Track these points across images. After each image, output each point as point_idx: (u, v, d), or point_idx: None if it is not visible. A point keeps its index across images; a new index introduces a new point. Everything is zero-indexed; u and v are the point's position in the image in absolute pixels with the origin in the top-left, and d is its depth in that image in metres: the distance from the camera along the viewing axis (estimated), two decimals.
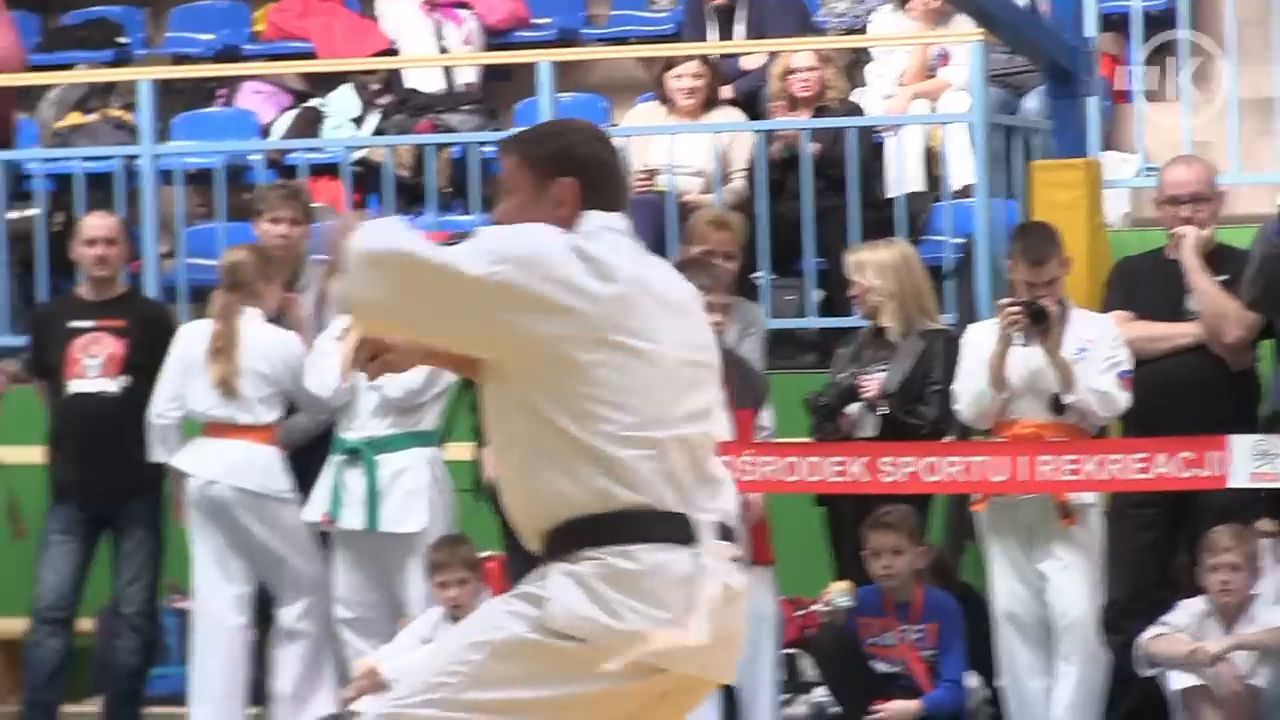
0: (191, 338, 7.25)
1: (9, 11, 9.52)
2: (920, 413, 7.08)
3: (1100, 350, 6.84)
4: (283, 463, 7.15)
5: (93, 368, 7.36)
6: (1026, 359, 6.82)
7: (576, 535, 3.55)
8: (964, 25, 8.58)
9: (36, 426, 7.77)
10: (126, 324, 7.42)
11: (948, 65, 9.25)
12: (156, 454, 7.21)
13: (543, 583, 3.54)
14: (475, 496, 7.01)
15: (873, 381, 7.05)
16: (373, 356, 3.70)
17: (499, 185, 3.93)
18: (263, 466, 7.10)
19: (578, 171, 3.75)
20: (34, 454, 7.84)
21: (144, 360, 7.33)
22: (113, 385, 7.34)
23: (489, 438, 3.79)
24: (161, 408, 7.16)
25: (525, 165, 3.77)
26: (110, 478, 7.38)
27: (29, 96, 10.00)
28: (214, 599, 7.16)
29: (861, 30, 9.44)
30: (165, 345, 7.41)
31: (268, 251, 7.38)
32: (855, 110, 8.94)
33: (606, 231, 3.70)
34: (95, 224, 7.59)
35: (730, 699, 6.94)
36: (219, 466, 7.08)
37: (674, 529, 3.55)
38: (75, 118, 9.90)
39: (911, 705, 6.86)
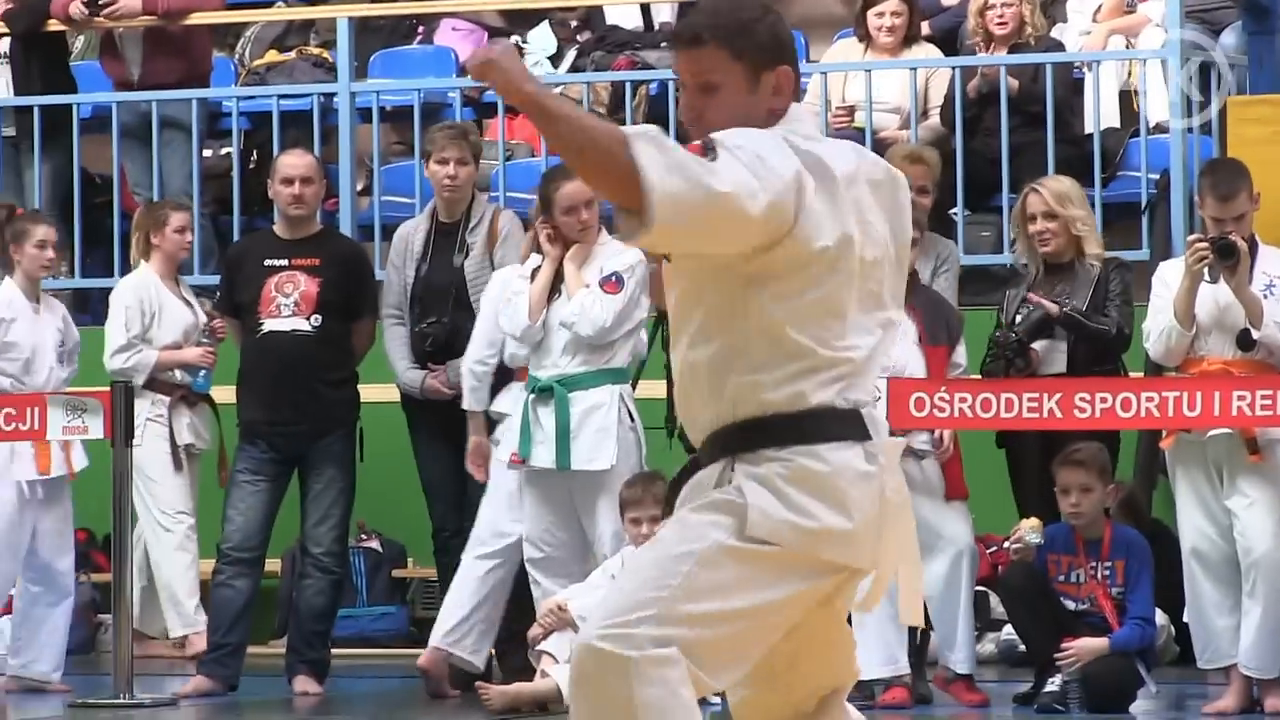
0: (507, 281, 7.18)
1: None
2: (1103, 320, 7.15)
3: None
4: None
5: (286, 306, 7.37)
6: (1215, 295, 6.84)
7: (764, 434, 3.53)
8: None
9: (227, 366, 7.86)
10: (321, 263, 7.43)
11: (1145, 0, 9.33)
12: (468, 403, 7.15)
13: (734, 489, 3.52)
14: (667, 433, 7.14)
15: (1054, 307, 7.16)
16: None
17: (693, 80, 3.62)
18: None
19: (790, 58, 3.58)
20: (226, 394, 7.95)
21: (337, 299, 7.38)
22: (306, 324, 7.35)
23: (677, 336, 3.64)
24: (479, 354, 7.14)
25: (733, 56, 3.56)
26: (301, 417, 7.41)
27: (227, 34, 10.14)
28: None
29: None
30: (360, 284, 7.48)
31: None
32: (1054, 46, 9.06)
33: (814, 129, 3.65)
34: (291, 162, 7.58)
35: (924, 635, 7.08)
36: None
37: (852, 426, 3.54)
38: (273, 55, 10.05)
39: (1099, 643, 6.89)
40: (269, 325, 7.42)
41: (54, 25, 9.51)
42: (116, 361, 7.85)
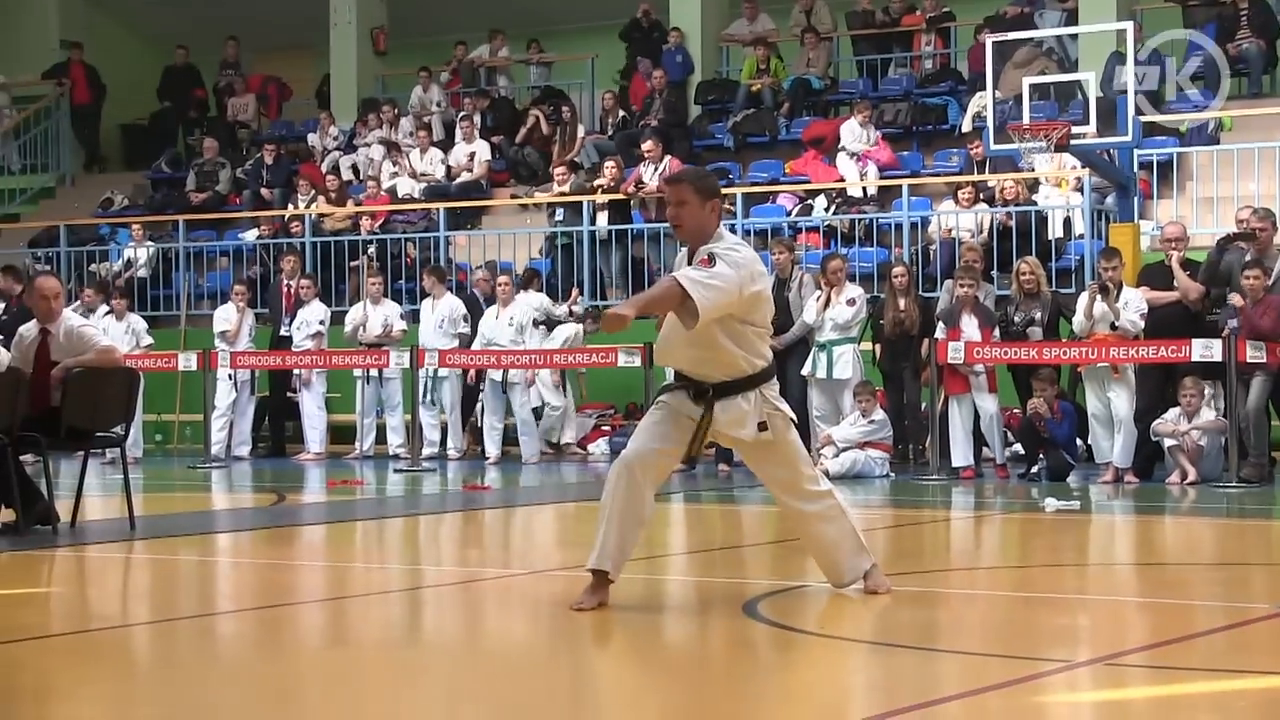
0: None
1: None
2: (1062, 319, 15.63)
3: None
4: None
5: None
6: (1102, 306, 14.82)
7: (754, 380, 7.31)
8: None
9: None
10: None
11: (1078, 173, 17.68)
12: None
13: (768, 405, 7.33)
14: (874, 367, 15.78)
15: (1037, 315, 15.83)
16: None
17: (675, 199, 7.26)
18: None
19: (720, 196, 7.31)
20: None
21: None
22: None
23: (690, 342, 7.20)
24: None
25: (695, 190, 7.22)
26: None
27: None
28: None
29: None
30: None
31: None
32: (1030, 203, 17.76)
33: (736, 240, 7.27)
34: None
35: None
36: None
37: (772, 370, 7.43)
38: None
39: (1057, 451, 15.49)
40: None
41: None
42: None
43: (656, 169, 20.44)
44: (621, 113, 23.49)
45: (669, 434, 7.35)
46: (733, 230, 19.11)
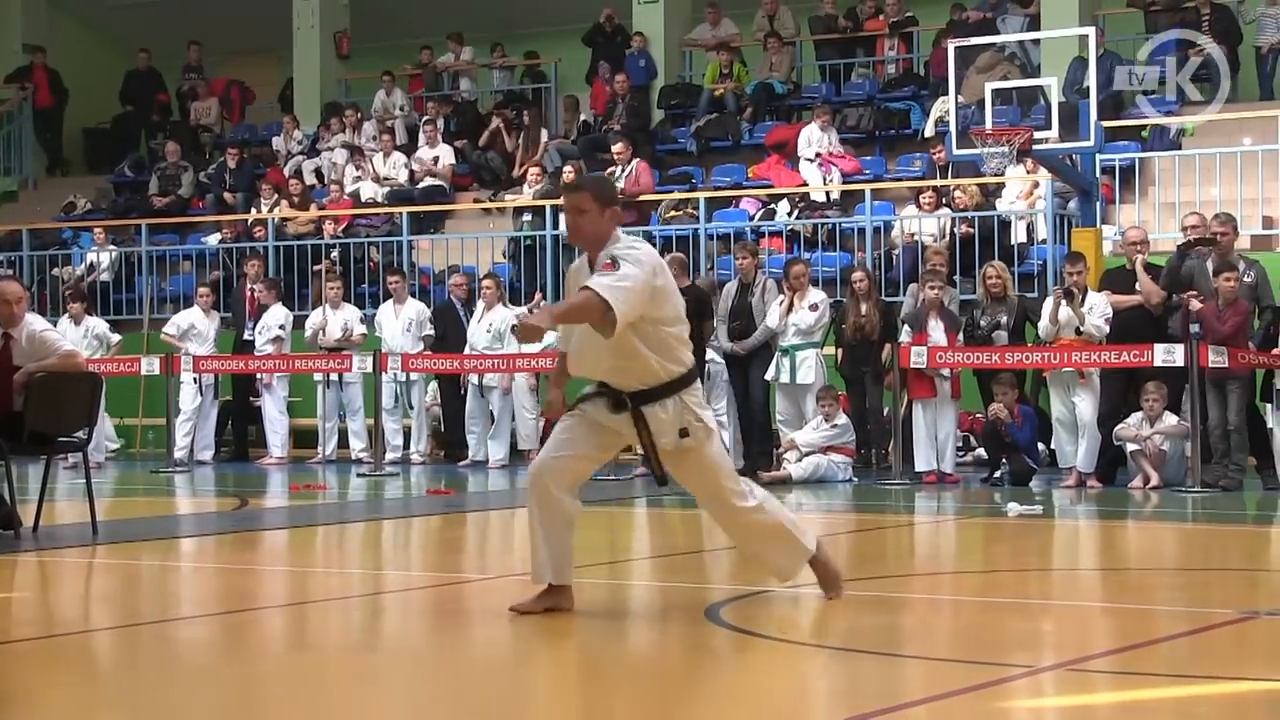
0: None
1: None
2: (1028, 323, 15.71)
3: None
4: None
5: None
6: (1066, 311, 15.15)
7: (673, 386, 7.17)
8: None
9: None
10: None
11: (1040, 178, 17.77)
12: None
13: (690, 412, 7.19)
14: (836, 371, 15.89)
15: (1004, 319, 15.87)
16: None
17: (572, 207, 7.22)
18: None
19: (618, 203, 7.27)
20: None
21: None
22: None
23: (608, 352, 7.07)
24: None
25: (594, 198, 7.15)
26: None
27: None
28: None
29: None
30: None
31: None
32: (989, 208, 17.89)
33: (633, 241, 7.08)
34: None
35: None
36: None
37: (693, 375, 7.26)
38: None
39: (1018, 455, 15.54)
40: None
41: None
42: None
43: (624, 171, 20.42)
44: (582, 116, 23.47)
45: (576, 440, 7.32)
46: (695, 236, 19.38)
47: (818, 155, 20.39)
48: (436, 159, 22.88)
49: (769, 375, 15.89)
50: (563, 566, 7.35)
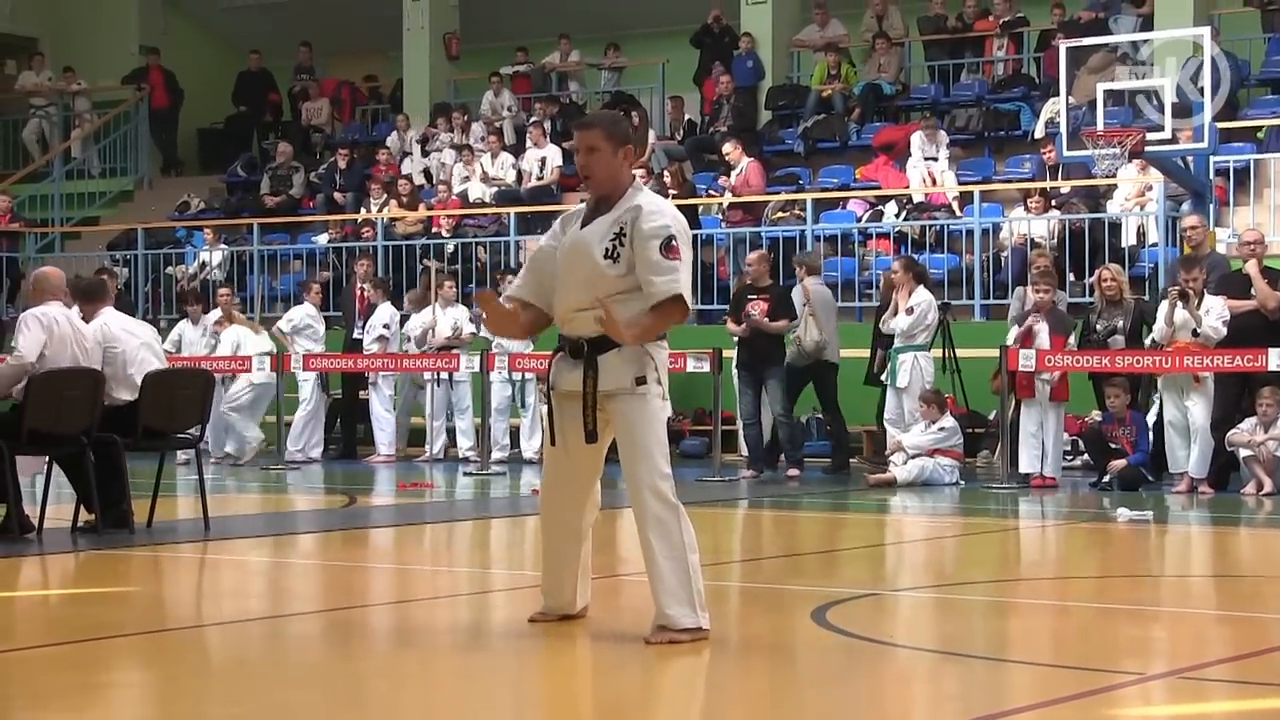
0: None
1: None
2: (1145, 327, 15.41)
3: None
4: None
5: None
6: (1182, 314, 14.79)
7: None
8: None
9: None
10: None
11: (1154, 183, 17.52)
12: None
13: (654, 363, 6.71)
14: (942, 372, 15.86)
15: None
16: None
17: (584, 146, 6.80)
18: None
19: (632, 142, 6.66)
20: None
21: None
22: None
23: (589, 289, 6.67)
24: None
25: (606, 136, 6.71)
26: None
27: None
28: None
29: None
30: None
31: None
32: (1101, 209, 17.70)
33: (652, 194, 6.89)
34: None
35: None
36: None
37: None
38: None
39: (1123, 462, 15.12)
40: None
41: None
42: None
43: (736, 171, 20.39)
44: (688, 117, 23.45)
45: (563, 461, 7.00)
46: (802, 236, 19.32)
47: (925, 159, 20.29)
48: (544, 160, 22.95)
49: (883, 377, 15.86)
50: (568, 581, 7.18)
